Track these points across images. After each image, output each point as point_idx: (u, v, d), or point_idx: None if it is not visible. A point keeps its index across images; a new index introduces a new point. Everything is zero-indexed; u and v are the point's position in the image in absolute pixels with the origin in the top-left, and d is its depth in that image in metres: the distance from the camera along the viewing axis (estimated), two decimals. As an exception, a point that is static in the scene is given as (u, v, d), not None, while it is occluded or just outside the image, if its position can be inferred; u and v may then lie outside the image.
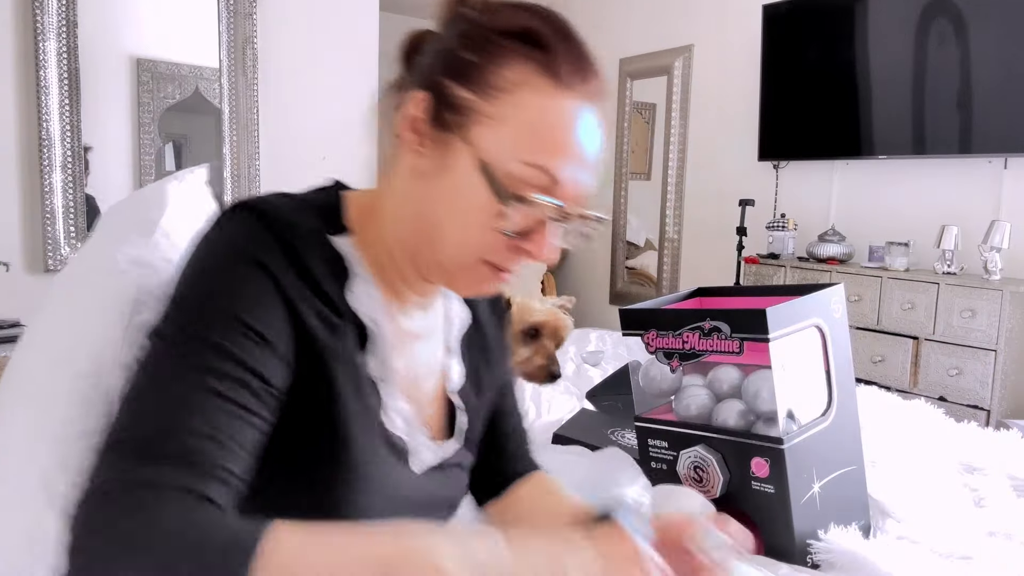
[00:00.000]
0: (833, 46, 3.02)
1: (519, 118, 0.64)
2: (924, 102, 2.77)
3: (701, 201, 3.80)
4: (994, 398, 2.46)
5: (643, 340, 1.01)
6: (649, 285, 4.12)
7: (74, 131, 2.54)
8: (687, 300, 1.16)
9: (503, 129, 0.64)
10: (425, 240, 0.69)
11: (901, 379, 2.69)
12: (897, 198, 3.01)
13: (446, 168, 0.66)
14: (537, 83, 0.64)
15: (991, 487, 1.21)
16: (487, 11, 0.67)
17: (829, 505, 0.95)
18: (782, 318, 0.90)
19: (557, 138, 0.65)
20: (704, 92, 3.74)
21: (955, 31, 2.64)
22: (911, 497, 1.11)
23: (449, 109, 0.65)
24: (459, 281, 0.71)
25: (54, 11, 2.46)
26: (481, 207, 0.64)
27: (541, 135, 0.64)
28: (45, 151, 2.49)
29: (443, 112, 0.65)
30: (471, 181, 0.64)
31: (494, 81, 0.64)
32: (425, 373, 0.77)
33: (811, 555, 0.91)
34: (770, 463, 0.90)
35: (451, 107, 0.65)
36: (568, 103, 0.65)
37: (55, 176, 2.52)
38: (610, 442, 1.25)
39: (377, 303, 0.70)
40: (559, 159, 0.64)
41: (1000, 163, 2.68)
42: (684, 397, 1.00)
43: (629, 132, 4.20)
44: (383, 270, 0.72)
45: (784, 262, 3.10)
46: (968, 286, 2.51)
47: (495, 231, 0.65)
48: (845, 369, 1.00)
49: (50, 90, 2.47)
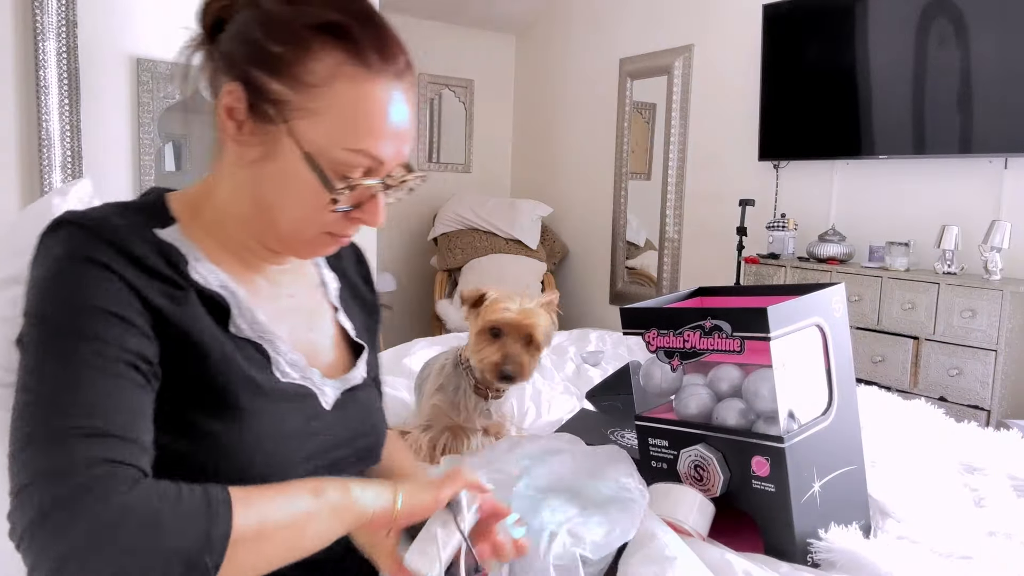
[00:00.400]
0: (833, 46, 3.02)
1: (336, 109, 0.69)
2: (924, 102, 2.77)
3: (701, 201, 3.80)
4: (994, 398, 2.46)
5: (644, 339, 1.01)
6: (649, 285, 4.12)
7: (74, 131, 2.54)
8: (688, 299, 1.16)
9: (323, 121, 0.68)
10: (265, 220, 0.75)
11: (901, 379, 2.69)
12: (897, 198, 3.01)
13: (272, 156, 0.71)
14: (348, 72, 0.69)
15: (991, 487, 1.21)
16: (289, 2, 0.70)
17: (829, 504, 0.95)
18: (783, 317, 0.90)
19: (375, 122, 0.70)
20: (704, 92, 3.74)
21: (955, 31, 2.64)
22: (911, 497, 1.11)
23: (266, 102, 0.69)
24: (302, 251, 0.79)
25: (54, 11, 2.46)
26: (313, 192, 0.70)
27: (360, 122, 0.69)
28: (45, 151, 2.48)
29: (260, 104, 0.69)
30: (299, 169, 0.69)
31: (306, 76, 0.68)
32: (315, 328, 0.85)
33: (811, 554, 0.91)
34: (770, 462, 0.90)
35: (267, 100, 0.69)
36: (379, 87, 0.70)
37: (55, 176, 2.52)
38: (610, 442, 1.25)
39: (223, 276, 0.75)
40: (379, 140, 0.70)
41: (1000, 163, 2.68)
42: (685, 396, 1.00)
43: (629, 132, 4.20)
44: (226, 248, 0.77)
45: (784, 262, 3.10)
46: (968, 286, 2.51)
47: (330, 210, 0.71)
48: (845, 368, 1.00)
49: (50, 90, 2.47)
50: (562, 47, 4.63)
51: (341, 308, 0.91)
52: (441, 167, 4.84)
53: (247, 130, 0.71)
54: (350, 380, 0.85)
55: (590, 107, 4.44)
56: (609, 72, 4.28)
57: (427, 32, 4.58)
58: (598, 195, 4.40)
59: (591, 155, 4.45)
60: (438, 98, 4.77)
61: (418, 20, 4.52)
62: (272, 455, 0.73)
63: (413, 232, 4.73)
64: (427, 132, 4.75)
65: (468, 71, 4.85)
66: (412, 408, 1.56)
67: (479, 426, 1.28)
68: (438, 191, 4.74)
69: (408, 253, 4.75)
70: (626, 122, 4.20)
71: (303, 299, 0.86)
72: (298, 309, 0.85)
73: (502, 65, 5.01)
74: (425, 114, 4.71)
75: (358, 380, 0.87)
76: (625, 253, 4.27)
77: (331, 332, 0.88)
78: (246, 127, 0.71)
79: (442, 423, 1.28)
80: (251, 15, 0.71)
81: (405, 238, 4.73)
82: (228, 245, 0.78)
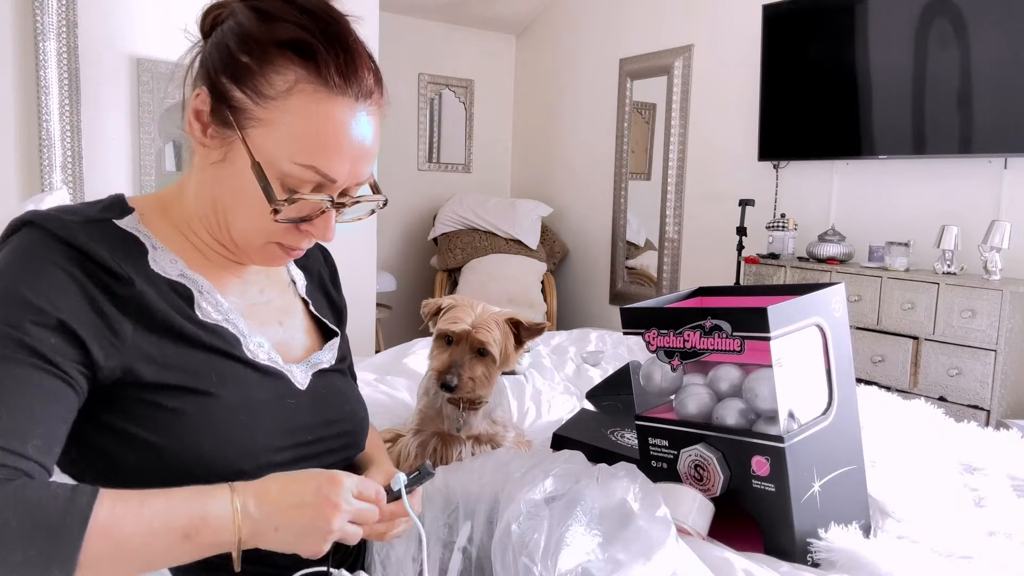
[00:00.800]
0: (833, 46, 3.02)
1: (290, 123, 0.70)
2: (924, 102, 2.77)
3: (701, 201, 3.80)
4: (994, 398, 2.46)
5: (644, 339, 1.01)
6: (649, 285, 4.12)
7: (74, 131, 2.54)
8: (688, 299, 1.16)
9: (276, 133, 0.70)
10: (220, 222, 0.77)
11: (901, 379, 2.69)
12: (897, 198, 3.01)
13: (229, 160, 0.73)
14: (306, 89, 0.70)
15: (991, 487, 1.21)
16: (263, 18, 0.72)
17: (829, 504, 0.95)
18: (783, 317, 0.90)
19: (328, 140, 0.71)
20: (704, 92, 3.74)
21: (955, 31, 2.64)
22: (911, 497, 1.11)
23: (227, 107, 0.72)
24: (253, 257, 0.80)
25: (54, 11, 2.46)
26: (259, 201, 0.72)
27: (312, 138, 0.71)
28: (45, 151, 2.48)
29: (222, 109, 0.72)
30: (248, 177, 0.71)
31: (266, 88, 0.70)
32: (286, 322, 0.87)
33: (811, 554, 0.91)
34: (771, 462, 0.90)
35: (229, 106, 0.72)
36: (337, 106, 0.71)
37: (55, 176, 2.52)
38: (610, 442, 1.25)
39: (181, 265, 0.77)
40: (331, 158, 0.71)
41: (1000, 163, 2.68)
42: (684, 396, 1.00)
43: (629, 132, 4.20)
44: (195, 246, 0.80)
45: (784, 262, 3.10)
46: (968, 286, 2.51)
47: (272, 220, 0.73)
48: (845, 368, 1.00)
49: (50, 90, 2.47)
50: (562, 47, 4.63)
51: (311, 301, 0.94)
52: (441, 167, 4.84)
53: (210, 133, 0.74)
54: (317, 363, 0.87)
55: (590, 107, 4.44)
56: (609, 72, 4.28)
57: (427, 32, 4.58)
58: (598, 195, 4.41)
59: (591, 155, 4.45)
60: (438, 98, 4.77)
61: (418, 20, 4.52)
62: (248, 429, 0.74)
63: (413, 232, 4.74)
64: (427, 132, 4.75)
65: (468, 71, 4.85)
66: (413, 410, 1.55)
67: (464, 435, 1.25)
68: (438, 191, 4.74)
69: (408, 253, 4.75)
70: (626, 122, 4.20)
71: (273, 296, 0.88)
72: (268, 304, 0.87)
73: (502, 65, 5.01)
74: (425, 114, 4.71)
75: (325, 363, 0.88)
76: (625, 253, 4.27)
77: (302, 324, 0.91)
78: (209, 130, 0.74)
79: (430, 428, 1.26)
80: (232, 25, 0.74)
81: (405, 238, 4.73)
82: (197, 244, 0.80)
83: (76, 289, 0.67)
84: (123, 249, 0.73)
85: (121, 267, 0.70)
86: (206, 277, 0.79)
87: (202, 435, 0.71)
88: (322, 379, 0.87)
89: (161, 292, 0.73)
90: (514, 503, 0.83)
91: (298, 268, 0.96)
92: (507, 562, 0.78)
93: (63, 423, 0.65)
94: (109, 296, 0.69)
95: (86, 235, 0.70)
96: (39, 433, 0.62)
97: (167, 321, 0.72)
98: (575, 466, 0.97)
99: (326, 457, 0.83)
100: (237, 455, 0.73)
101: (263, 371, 0.79)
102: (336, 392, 0.88)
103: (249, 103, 0.71)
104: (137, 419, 0.70)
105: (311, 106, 0.70)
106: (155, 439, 0.70)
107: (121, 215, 0.76)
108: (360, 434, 0.91)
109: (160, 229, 0.78)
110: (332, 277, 1.02)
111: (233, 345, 0.77)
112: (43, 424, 0.63)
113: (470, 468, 0.99)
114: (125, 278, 0.70)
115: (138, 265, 0.73)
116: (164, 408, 0.70)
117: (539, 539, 0.77)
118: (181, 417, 0.71)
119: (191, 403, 0.71)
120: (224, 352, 0.76)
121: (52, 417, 0.64)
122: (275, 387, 0.80)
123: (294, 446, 0.79)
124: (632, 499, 0.86)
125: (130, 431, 0.70)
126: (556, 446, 1.27)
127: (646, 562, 0.76)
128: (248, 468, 0.73)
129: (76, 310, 0.66)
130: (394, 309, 4.32)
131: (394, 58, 4.31)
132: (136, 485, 0.64)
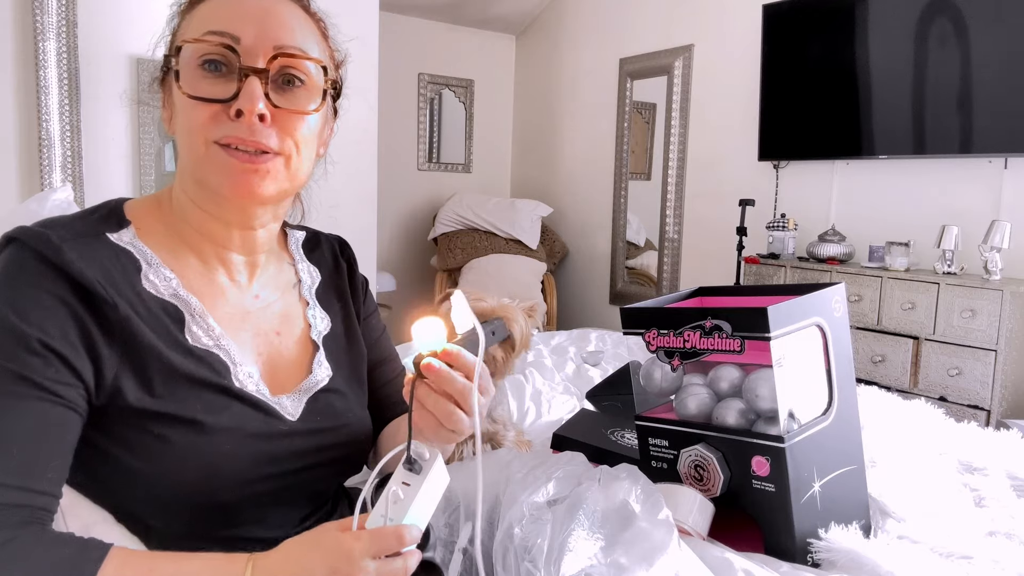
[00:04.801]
0: (833, 46, 3.02)
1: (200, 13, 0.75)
2: (924, 102, 2.77)
3: (701, 201, 3.80)
4: (994, 398, 2.46)
5: (644, 339, 1.01)
6: (649, 285, 4.12)
7: (74, 131, 2.54)
8: (688, 299, 1.16)
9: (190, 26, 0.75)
10: (186, 171, 0.76)
11: (901, 379, 2.69)
12: (897, 198, 3.01)
13: (174, 107, 0.76)
14: None
15: (991, 487, 1.21)
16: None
17: (829, 504, 0.95)
18: (783, 317, 0.90)
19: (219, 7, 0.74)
20: (704, 92, 3.74)
21: (955, 31, 2.64)
22: (911, 497, 1.11)
23: (166, 66, 0.77)
24: (211, 177, 0.74)
25: (54, 11, 2.45)
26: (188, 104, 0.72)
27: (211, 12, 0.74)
28: (45, 151, 2.48)
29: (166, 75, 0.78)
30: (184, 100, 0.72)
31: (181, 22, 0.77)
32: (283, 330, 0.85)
33: (811, 554, 0.91)
34: (771, 462, 0.90)
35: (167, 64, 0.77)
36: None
37: (55, 176, 2.52)
38: (610, 442, 1.25)
39: (175, 284, 0.76)
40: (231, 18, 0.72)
41: (1000, 163, 2.68)
42: (685, 396, 1.00)
43: (629, 132, 4.20)
44: (187, 243, 0.79)
45: (784, 262, 3.10)
46: (968, 286, 2.51)
47: (206, 105, 0.71)
48: (846, 368, 1.00)
49: (50, 90, 2.47)
50: (562, 47, 4.63)
51: (315, 302, 0.91)
52: (441, 167, 4.84)
53: (165, 104, 0.79)
54: (311, 386, 0.84)
55: (590, 107, 4.44)
56: (609, 72, 4.28)
57: (427, 32, 4.58)
58: (598, 195, 4.40)
59: (591, 155, 4.45)
60: (438, 98, 4.76)
61: (418, 20, 4.52)
62: (232, 458, 0.72)
63: (413, 232, 4.73)
64: (427, 132, 4.75)
65: (468, 71, 4.85)
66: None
67: None
68: (438, 191, 4.74)
69: (408, 253, 4.75)
70: (626, 122, 4.20)
71: (271, 299, 0.86)
72: (264, 310, 0.84)
73: (502, 65, 5.01)
74: (425, 114, 4.71)
75: (321, 382, 0.85)
76: (625, 253, 4.27)
77: (302, 331, 0.88)
78: (165, 103, 0.79)
79: None
80: None
81: (405, 238, 4.73)
82: (189, 239, 0.79)
83: (65, 312, 0.66)
84: (116, 267, 0.71)
85: (107, 291, 0.69)
86: (202, 292, 0.78)
87: (186, 464, 0.70)
88: (317, 403, 0.83)
89: (151, 314, 0.72)
90: (516, 505, 0.83)
91: (309, 263, 0.94)
92: (508, 564, 0.78)
93: (71, 449, 0.66)
94: (96, 319, 0.68)
95: (76, 254, 0.68)
96: (53, 466, 0.63)
97: (154, 348, 0.70)
98: (577, 468, 0.97)
99: (315, 484, 0.82)
100: (220, 484, 0.72)
101: (251, 403, 0.77)
102: (332, 415, 0.85)
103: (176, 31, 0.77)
104: (120, 442, 0.69)
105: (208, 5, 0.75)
106: (137, 464, 0.69)
107: (117, 227, 0.75)
108: (357, 456, 0.89)
109: (156, 238, 0.77)
110: (350, 272, 0.98)
111: (222, 374, 0.75)
112: (56, 457, 0.63)
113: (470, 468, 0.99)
114: (110, 303, 0.68)
115: (129, 284, 0.72)
116: (149, 434, 0.69)
117: (542, 544, 0.77)
118: (165, 444, 0.69)
119: (175, 431, 0.70)
120: (211, 383, 0.74)
121: (62, 447, 0.64)
122: (263, 419, 0.77)
123: (280, 475, 0.77)
124: (634, 501, 0.86)
125: (112, 452, 0.69)
126: (556, 446, 1.27)
127: (649, 567, 0.76)
128: (230, 499, 0.72)
129: (66, 334, 0.66)
130: (394, 309, 4.32)
131: (394, 58, 4.31)
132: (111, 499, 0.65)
